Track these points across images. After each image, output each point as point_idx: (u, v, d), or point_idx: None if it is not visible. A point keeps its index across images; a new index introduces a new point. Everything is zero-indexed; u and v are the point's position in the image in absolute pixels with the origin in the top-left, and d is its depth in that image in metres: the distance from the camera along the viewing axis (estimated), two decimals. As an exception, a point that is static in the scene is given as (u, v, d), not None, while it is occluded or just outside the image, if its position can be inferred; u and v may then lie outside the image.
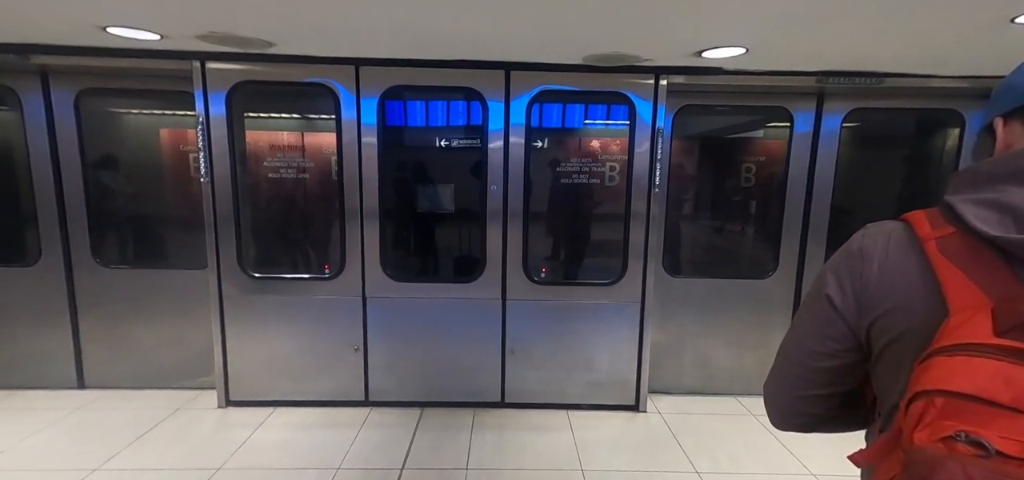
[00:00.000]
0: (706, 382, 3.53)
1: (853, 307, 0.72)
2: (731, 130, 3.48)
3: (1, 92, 3.05)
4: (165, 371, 3.41)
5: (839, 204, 3.28)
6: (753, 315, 3.43)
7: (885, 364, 0.71)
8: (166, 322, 3.36)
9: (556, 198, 3.24)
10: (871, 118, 3.25)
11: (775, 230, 3.36)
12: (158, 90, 3.14)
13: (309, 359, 3.22)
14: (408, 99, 3.08)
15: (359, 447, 2.81)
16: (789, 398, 0.84)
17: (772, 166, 3.36)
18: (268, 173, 3.14)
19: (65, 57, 2.77)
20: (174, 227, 3.42)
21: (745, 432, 3.07)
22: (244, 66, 2.87)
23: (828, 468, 2.69)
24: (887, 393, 0.71)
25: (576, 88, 2.99)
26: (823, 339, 0.76)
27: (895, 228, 0.71)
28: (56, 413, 3.08)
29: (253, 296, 3.13)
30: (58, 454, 2.66)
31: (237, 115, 2.99)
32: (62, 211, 3.18)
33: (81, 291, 3.30)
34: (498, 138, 3.01)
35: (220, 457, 2.68)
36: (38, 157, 3.11)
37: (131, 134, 3.37)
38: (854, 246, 0.74)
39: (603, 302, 3.20)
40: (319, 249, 3.30)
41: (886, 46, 2.36)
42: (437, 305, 3.19)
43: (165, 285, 3.32)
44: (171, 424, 3.00)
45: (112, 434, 2.87)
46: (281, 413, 3.17)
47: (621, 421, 3.19)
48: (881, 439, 0.65)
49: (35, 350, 3.34)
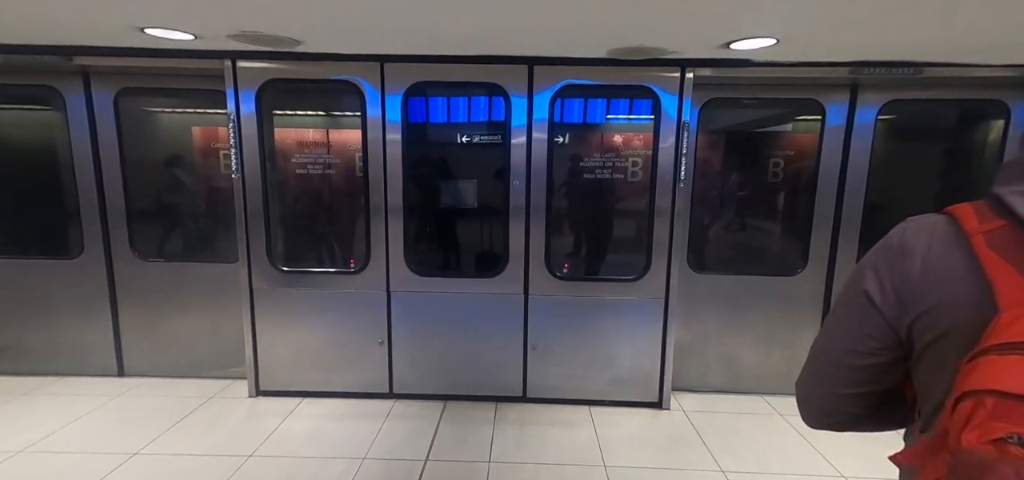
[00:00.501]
0: (732, 380, 3.47)
1: (893, 304, 0.69)
2: (759, 124, 3.39)
3: (46, 93, 3.20)
4: (199, 361, 3.54)
5: (873, 200, 3.17)
6: (781, 313, 3.36)
7: (928, 362, 0.68)
8: (200, 314, 3.48)
9: (579, 194, 3.22)
10: (908, 110, 3.13)
11: (804, 226, 3.27)
12: (191, 89, 3.25)
13: (335, 351, 3.29)
14: (431, 95, 3.11)
15: (384, 438, 2.86)
16: (823, 397, 0.82)
17: (800, 161, 3.27)
18: (296, 169, 3.21)
19: (106, 58, 2.88)
20: (206, 222, 3.53)
21: (772, 432, 3.01)
22: (273, 64, 2.94)
23: (860, 470, 2.61)
24: (929, 392, 0.69)
25: (600, 82, 2.96)
26: (860, 337, 0.74)
27: (939, 222, 0.68)
28: (98, 399, 3.23)
29: (282, 289, 3.22)
30: (102, 437, 2.80)
31: (266, 113, 3.07)
32: (103, 206, 3.32)
33: (121, 283, 3.45)
34: (521, 134, 3.01)
35: (251, 444, 2.76)
36: (80, 155, 3.25)
37: (166, 132, 3.49)
38: (894, 241, 0.71)
39: (626, 298, 3.17)
40: (344, 244, 3.37)
41: (926, 33, 2.26)
42: (460, 300, 3.21)
43: (198, 278, 3.44)
44: (205, 412, 3.12)
45: (150, 420, 2.99)
46: (309, 403, 3.25)
47: (644, 418, 3.17)
48: (925, 440, 0.63)
49: (79, 339, 3.50)
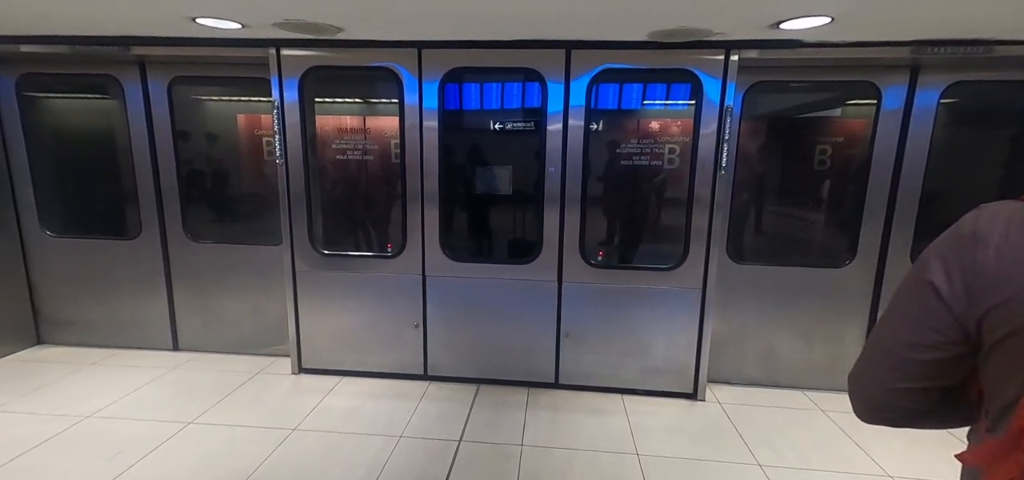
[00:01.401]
0: (770, 374, 3.38)
1: (962, 296, 0.66)
2: (807, 109, 3.24)
3: (107, 82, 3.39)
4: (245, 338, 3.72)
5: (931, 189, 2.98)
6: (825, 306, 3.23)
7: (999, 358, 0.65)
8: (246, 294, 3.65)
9: (616, 180, 3.17)
10: (976, 92, 2.90)
11: (853, 217, 3.12)
12: (237, 77, 3.37)
13: (372, 333, 3.39)
14: (468, 82, 3.11)
15: (419, 418, 2.94)
16: (879, 391, 0.79)
17: (851, 147, 3.11)
18: (335, 155, 3.30)
19: (160, 47, 3.02)
20: (252, 206, 3.68)
21: (813, 427, 2.92)
22: (315, 52, 3.01)
23: (907, 469, 2.51)
24: (1000, 390, 0.65)
25: (640, 66, 2.89)
26: (924, 330, 0.71)
27: (1017, 209, 0.64)
28: (156, 371, 3.45)
29: (322, 272, 3.33)
30: (160, 406, 2.99)
31: (308, 100, 3.15)
32: (158, 190, 3.51)
33: (175, 263, 3.65)
34: (557, 120, 2.98)
35: (295, 419, 2.89)
36: (138, 140, 3.44)
37: (214, 119, 3.64)
38: (965, 229, 0.68)
39: (662, 287, 3.12)
40: (381, 229, 3.44)
41: (998, 8, 2.09)
42: (494, 285, 3.24)
43: (245, 259, 3.59)
44: (251, 387, 3.28)
45: (203, 392, 3.17)
46: (348, 382, 3.37)
47: (678, 408, 3.13)
48: (994, 440, 0.60)
49: (138, 315, 3.74)
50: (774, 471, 2.52)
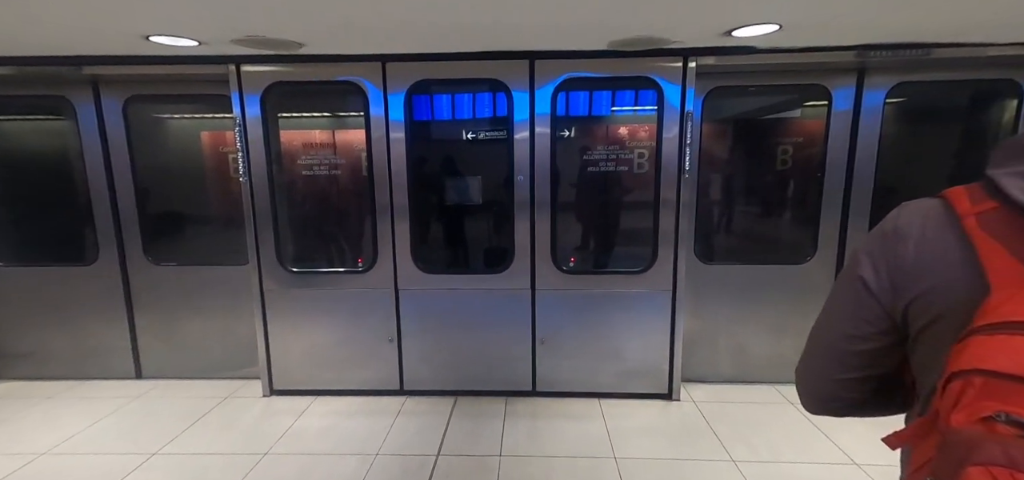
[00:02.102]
0: (742, 370, 3.46)
1: (889, 289, 0.70)
2: (765, 111, 3.35)
3: (58, 102, 3.26)
4: (213, 362, 3.60)
5: (883, 184, 3.13)
6: (791, 301, 3.33)
7: (924, 346, 0.69)
8: (213, 316, 3.54)
9: (584, 187, 3.21)
10: (918, 92, 3.07)
11: (813, 213, 3.24)
12: (198, 95, 3.29)
13: (346, 350, 3.33)
14: (434, 93, 3.12)
15: (396, 434, 2.90)
16: (822, 382, 0.83)
17: (809, 147, 3.23)
18: (302, 171, 3.25)
19: (113, 67, 2.93)
20: (217, 225, 3.58)
21: (784, 420, 2.99)
22: (277, 68, 2.97)
23: (874, 457, 2.60)
24: (926, 375, 0.69)
25: (602, 74, 2.95)
26: (857, 322, 0.74)
27: (932, 206, 0.68)
28: (117, 401, 3.31)
29: (292, 290, 3.26)
30: (121, 438, 2.87)
31: (272, 115, 3.10)
32: (116, 213, 3.39)
33: (136, 288, 3.52)
34: (524, 128, 3.01)
35: (267, 442, 2.82)
36: (92, 162, 3.32)
37: (175, 138, 3.54)
38: (888, 226, 0.72)
39: (634, 290, 3.17)
40: (352, 244, 3.40)
41: (934, 13, 2.21)
42: (468, 296, 3.23)
43: (211, 281, 3.49)
44: (220, 412, 3.18)
45: (168, 421, 3.06)
46: (321, 401, 3.30)
47: (654, 410, 3.17)
48: (917, 421, 0.63)
49: (98, 343, 3.59)
50: (748, 466, 2.58)
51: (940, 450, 0.55)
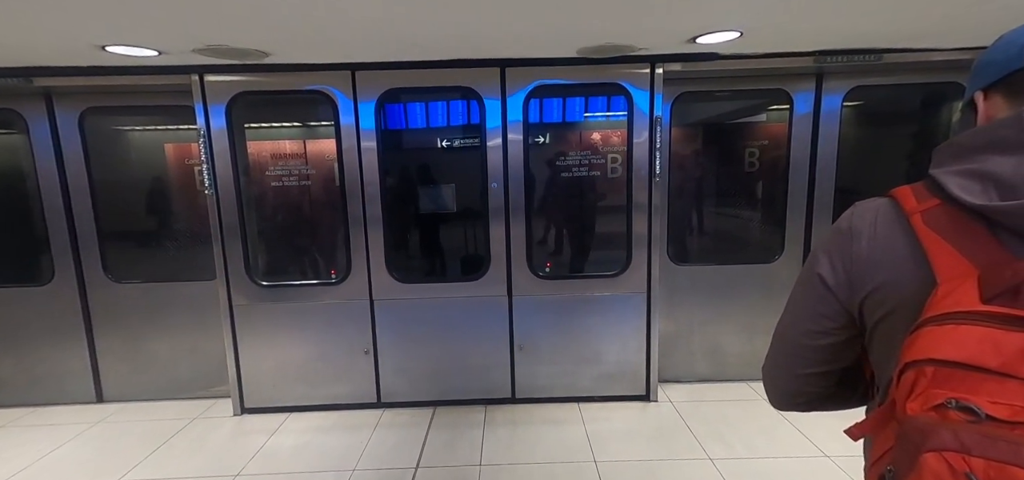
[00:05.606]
0: (717, 369, 3.53)
1: (845, 285, 0.73)
2: (731, 115, 3.45)
3: (8, 116, 3.11)
4: (181, 382, 3.47)
5: (844, 184, 3.25)
6: (762, 299, 3.42)
7: (879, 339, 0.71)
8: (180, 334, 3.41)
9: (557, 192, 3.24)
10: (873, 95, 3.22)
11: (780, 214, 3.34)
12: (161, 106, 3.18)
13: (320, 364, 3.26)
14: (405, 101, 3.10)
15: (373, 448, 2.85)
16: (787, 378, 0.85)
17: (775, 150, 3.34)
18: (271, 182, 3.17)
19: (67, 78, 2.81)
20: (183, 240, 3.46)
21: (758, 417, 3.06)
22: (242, 77, 2.90)
23: (844, 449, 2.68)
24: (883, 367, 0.72)
25: (572, 82, 2.98)
26: (817, 318, 0.77)
27: (882, 204, 0.71)
28: (77, 428, 3.15)
29: (263, 304, 3.18)
30: (80, 467, 2.73)
31: (238, 126, 3.02)
32: (73, 230, 3.24)
33: (95, 307, 3.37)
34: (496, 135, 3.01)
35: (238, 464, 2.72)
36: (46, 178, 3.17)
37: (137, 151, 3.42)
38: (843, 225, 0.75)
39: (609, 294, 3.20)
40: (325, 255, 3.34)
41: (884, 21, 2.33)
42: (444, 305, 3.21)
43: (177, 298, 3.37)
44: (189, 433, 3.06)
45: (132, 446, 2.92)
46: (295, 418, 3.21)
47: (632, 411, 3.20)
48: (876, 411, 0.65)
49: (54, 367, 3.41)
50: (725, 464, 2.62)
51: (898, 439, 0.57)
